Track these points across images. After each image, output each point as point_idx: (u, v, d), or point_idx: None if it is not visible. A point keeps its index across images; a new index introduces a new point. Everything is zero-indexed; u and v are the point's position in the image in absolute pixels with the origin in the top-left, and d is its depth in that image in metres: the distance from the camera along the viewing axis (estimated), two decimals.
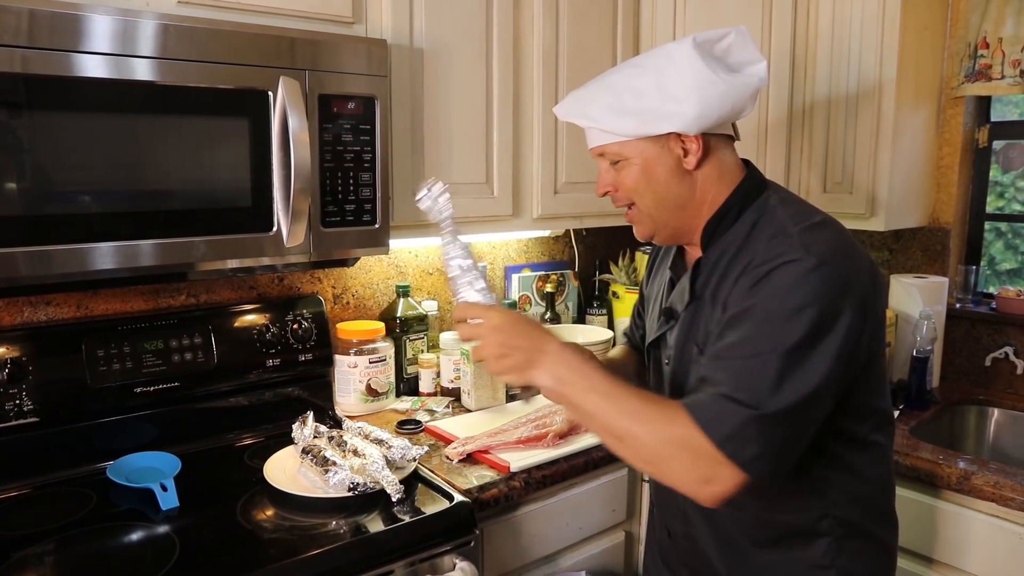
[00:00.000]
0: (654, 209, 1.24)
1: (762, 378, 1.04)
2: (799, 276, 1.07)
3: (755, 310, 1.09)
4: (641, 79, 1.19)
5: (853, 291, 1.09)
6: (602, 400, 1.11)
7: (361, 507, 1.40)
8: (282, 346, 1.80)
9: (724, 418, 1.03)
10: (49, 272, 1.25)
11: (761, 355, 1.06)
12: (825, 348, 1.06)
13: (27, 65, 1.19)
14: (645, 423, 1.08)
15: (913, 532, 1.72)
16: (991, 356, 2.21)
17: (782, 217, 1.18)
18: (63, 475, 1.53)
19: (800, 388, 1.05)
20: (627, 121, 1.19)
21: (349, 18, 1.61)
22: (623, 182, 1.23)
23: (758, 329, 1.07)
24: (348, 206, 1.56)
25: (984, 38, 2.15)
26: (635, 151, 1.21)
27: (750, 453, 1.03)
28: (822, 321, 1.06)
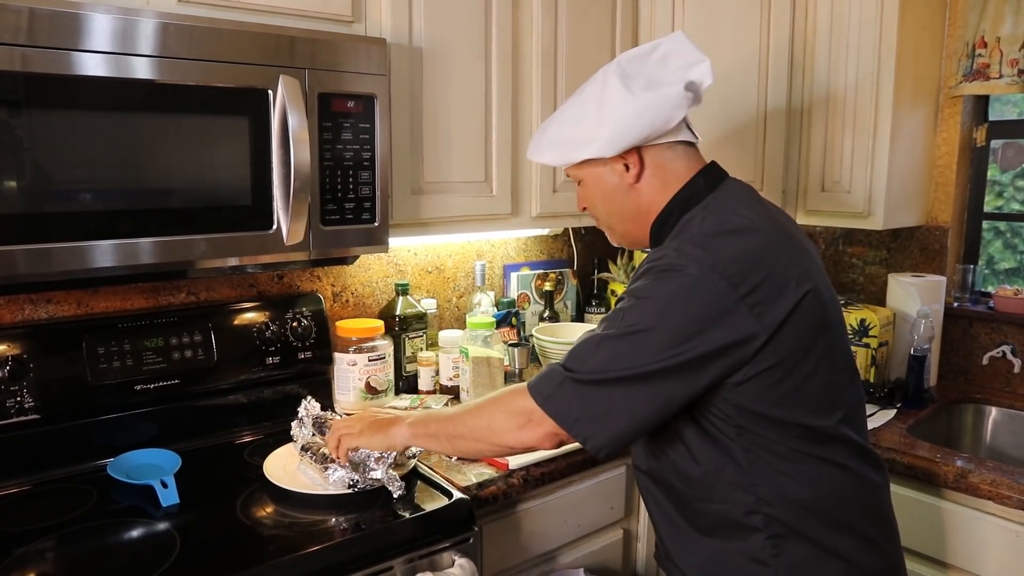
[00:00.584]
0: (611, 220, 1.38)
1: (586, 348, 1.18)
2: (664, 277, 1.15)
3: (619, 301, 1.21)
4: (575, 108, 1.32)
5: (717, 298, 1.11)
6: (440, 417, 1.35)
7: (360, 504, 1.41)
8: (282, 344, 1.81)
9: (548, 380, 1.19)
10: (49, 270, 1.26)
11: (596, 335, 1.18)
12: (655, 339, 1.12)
13: (27, 64, 1.19)
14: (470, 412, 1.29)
15: (910, 530, 1.73)
16: (988, 355, 2.22)
17: (695, 224, 1.22)
18: (64, 472, 1.53)
19: (617, 364, 1.14)
20: (556, 152, 1.34)
21: (349, 17, 1.61)
22: (584, 199, 1.39)
23: (610, 316, 1.20)
24: (347, 204, 1.57)
25: (982, 37, 2.15)
26: (586, 173, 1.34)
27: (569, 414, 1.16)
28: (663, 318, 1.13)
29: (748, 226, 1.20)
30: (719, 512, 1.22)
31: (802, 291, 1.15)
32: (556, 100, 2.01)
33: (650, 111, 1.23)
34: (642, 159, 1.28)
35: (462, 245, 2.30)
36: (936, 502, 1.70)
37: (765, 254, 1.16)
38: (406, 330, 2.04)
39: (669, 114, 1.24)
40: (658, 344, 1.12)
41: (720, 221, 1.21)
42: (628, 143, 1.25)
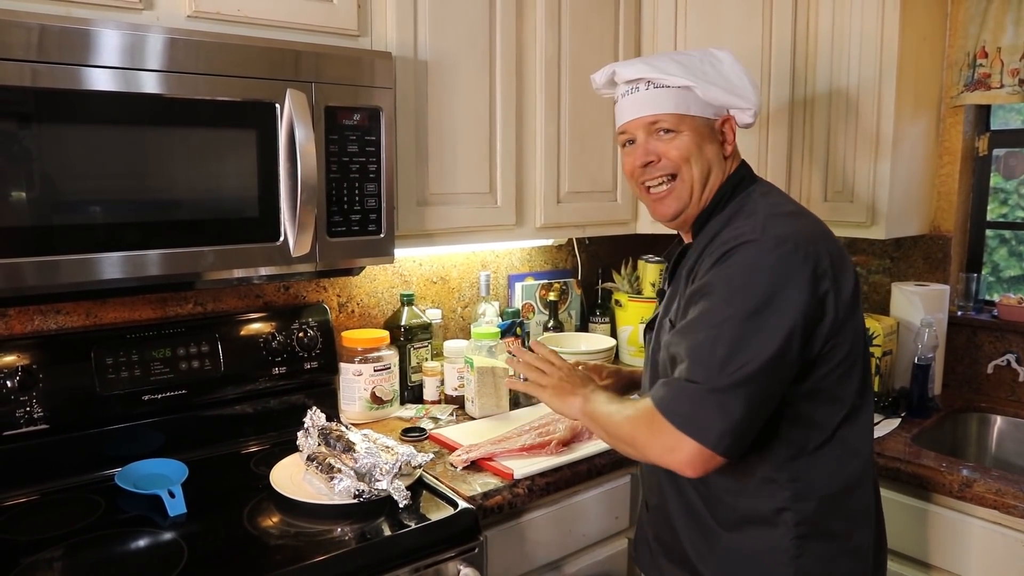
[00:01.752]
0: (697, 182, 1.33)
1: (713, 352, 1.13)
2: (754, 254, 1.17)
3: (712, 286, 1.18)
4: (707, 67, 1.33)
5: (809, 272, 1.16)
6: (606, 408, 1.29)
7: (366, 514, 1.41)
8: (288, 354, 1.82)
9: (680, 400, 1.14)
10: (58, 281, 1.27)
11: (713, 327, 1.15)
12: (776, 322, 1.13)
13: (37, 79, 1.21)
14: (624, 419, 1.23)
15: (913, 538, 1.73)
16: (993, 364, 2.22)
17: (758, 205, 1.28)
18: (72, 481, 1.54)
19: (751, 360, 1.12)
20: (716, 91, 1.31)
21: (355, 31, 1.63)
22: (669, 152, 1.32)
23: (712, 304, 1.17)
24: (354, 216, 1.58)
25: (983, 47, 2.16)
26: (691, 126, 1.32)
27: (713, 432, 1.11)
28: (773, 296, 1.14)
29: (801, 211, 1.30)
30: (749, 507, 1.24)
31: (855, 286, 1.25)
32: (560, 111, 2.03)
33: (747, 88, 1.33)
34: (733, 129, 1.36)
35: (467, 256, 2.32)
36: (941, 511, 1.70)
37: (829, 235, 1.26)
38: (411, 340, 2.05)
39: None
40: (770, 338, 1.12)
41: (782, 204, 1.29)
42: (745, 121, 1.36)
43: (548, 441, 1.68)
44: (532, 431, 1.72)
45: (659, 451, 1.16)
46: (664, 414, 1.14)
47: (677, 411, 1.13)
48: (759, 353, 1.12)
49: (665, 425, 1.13)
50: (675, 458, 1.14)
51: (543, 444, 1.68)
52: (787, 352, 1.13)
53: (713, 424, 1.11)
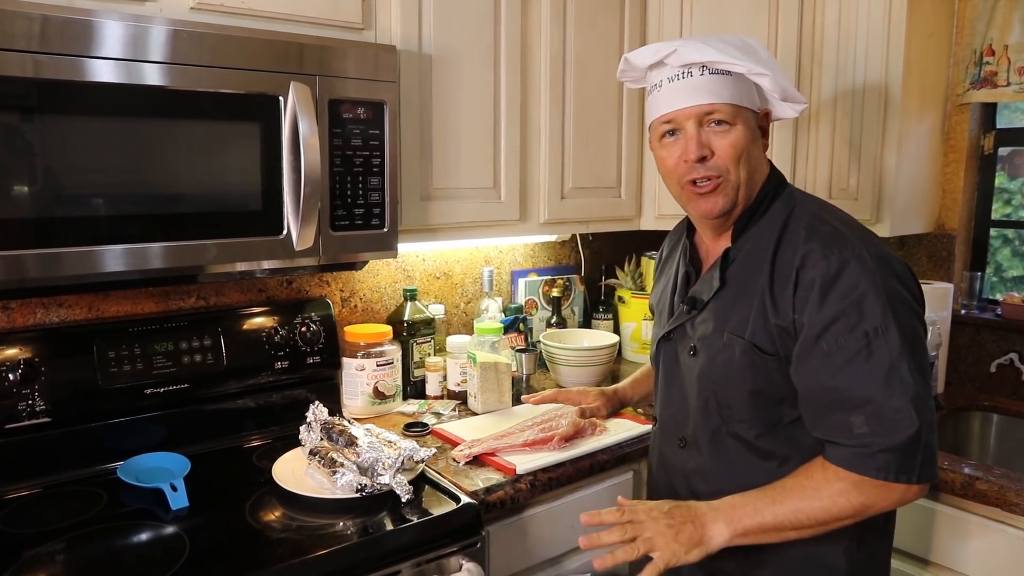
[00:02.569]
0: (744, 181, 1.23)
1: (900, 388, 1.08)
2: (868, 271, 1.12)
3: (846, 316, 1.11)
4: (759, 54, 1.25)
5: (902, 269, 1.17)
6: (773, 509, 1.14)
7: (368, 508, 1.41)
8: (290, 348, 1.82)
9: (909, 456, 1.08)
10: (60, 274, 1.27)
11: (883, 362, 1.09)
12: (917, 327, 1.14)
13: (39, 70, 1.20)
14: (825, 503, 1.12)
15: (916, 536, 1.73)
16: (996, 362, 2.22)
17: (814, 211, 1.24)
18: (74, 475, 1.54)
19: (920, 379, 1.10)
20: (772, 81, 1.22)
21: (359, 24, 1.62)
22: (722, 146, 1.21)
23: (863, 336, 1.10)
24: (357, 210, 1.58)
25: (990, 45, 2.16)
26: (742, 119, 1.22)
27: (924, 471, 1.09)
28: (904, 307, 1.13)
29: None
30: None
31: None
32: (565, 107, 2.02)
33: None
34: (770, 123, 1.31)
35: (470, 251, 2.31)
36: (943, 509, 1.69)
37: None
38: (414, 335, 2.05)
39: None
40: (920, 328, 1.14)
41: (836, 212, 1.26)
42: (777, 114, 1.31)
43: (551, 436, 1.67)
44: (535, 426, 1.72)
45: (895, 501, 1.13)
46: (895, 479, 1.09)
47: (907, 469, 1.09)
48: (922, 366, 1.11)
49: (892, 486, 1.10)
50: (909, 497, 1.13)
51: (546, 439, 1.67)
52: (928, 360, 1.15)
53: (934, 460, 1.11)
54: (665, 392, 1.40)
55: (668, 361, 1.39)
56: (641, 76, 1.34)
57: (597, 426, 1.78)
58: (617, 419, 1.87)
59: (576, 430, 1.72)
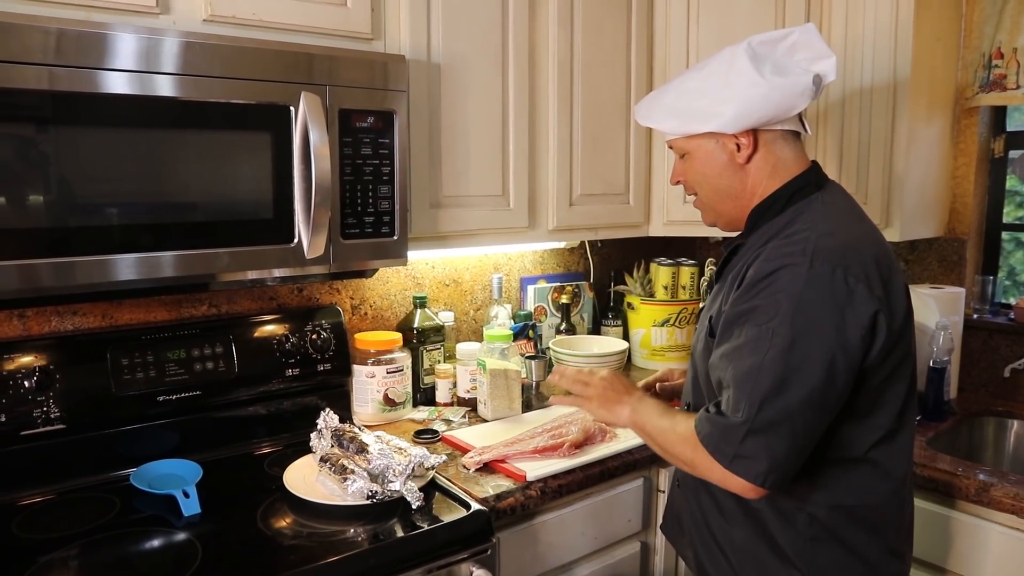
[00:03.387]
0: (712, 198, 1.37)
1: (757, 386, 1.13)
2: (797, 280, 1.14)
3: (756, 311, 1.17)
4: (697, 81, 1.32)
5: (859, 295, 1.13)
6: (657, 421, 1.32)
7: (379, 515, 1.42)
8: (301, 356, 1.83)
9: (727, 439, 1.16)
10: (74, 282, 1.28)
11: (757, 357, 1.14)
12: (820, 353, 1.12)
13: (54, 82, 1.22)
14: (679, 440, 1.25)
15: (931, 544, 1.71)
16: (1010, 367, 2.20)
17: (814, 219, 1.23)
18: (88, 481, 1.55)
19: (794, 395, 1.11)
20: (675, 122, 1.34)
21: (368, 34, 1.64)
22: (686, 173, 1.38)
23: (758, 332, 1.15)
24: (367, 218, 1.59)
25: (999, 48, 2.15)
26: (695, 146, 1.34)
27: (757, 469, 1.14)
28: (818, 325, 1.12)
29: (867, 232, 1.26)
30: (771, 498, 1.24)
31: (907, 304, 1.25)
32: (573, 113, 2.03)
33: (777, 96, 1.24)
34: (756, 141, 1.29)
35: (479, 258, 2.32)
36: (957, 516, 1.68)
37: (882, 247, 1.24)
38: (424, 342, 2.05)
39: (794, 102, 1.26)
40: (815, 367, 1.12)
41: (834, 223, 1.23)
42: (750, 123, 1.27)
43: (561, 443, 1.68)
44: (545, 433, 1.72)
45: (716, 479, 1.20)
46: (711, 452, 1.17)
47: (723, 450, 1.16)
48: (804, 387, 1.11)
49: (714, 465, 1.17)
50: (729, 486, 1.18)
51: (556, 446, 1.68)
52: (832, 383, 1.12)
53: (757, 463, 1.13)
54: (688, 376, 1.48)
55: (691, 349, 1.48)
56: None
57: (607, 433, 1.78)
58: None
59: (586, 436, 1.73)
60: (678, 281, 2.46)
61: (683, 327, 2.42)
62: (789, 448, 1.13)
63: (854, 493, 1.23)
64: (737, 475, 1.15)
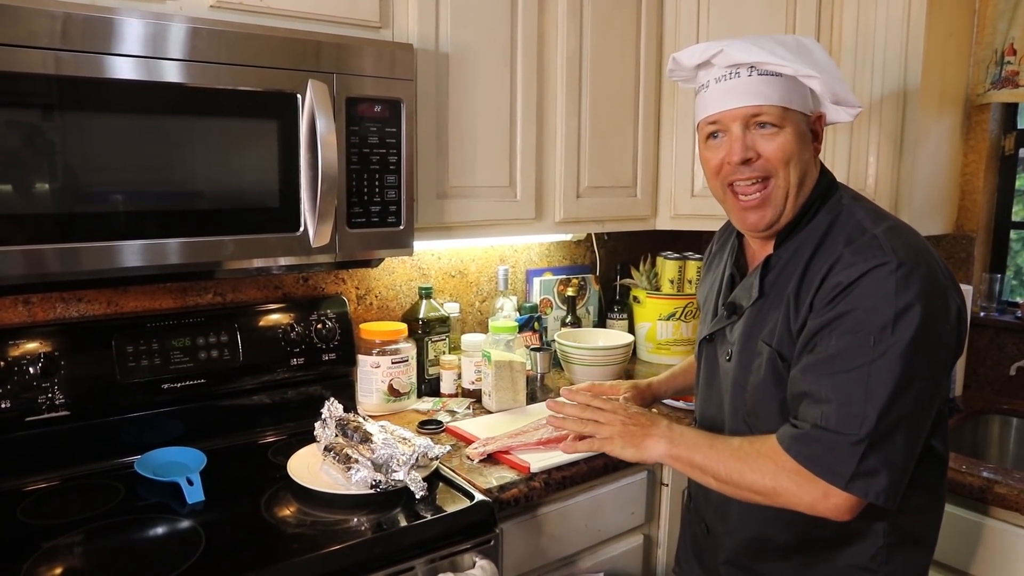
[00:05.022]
0: (795, 185, 1.20)
1: (868, 396, 1.05)
2: (889, 281, 1.07)
3: (848, 318, 1.09)
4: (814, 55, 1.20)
5: (941, 292, 1.09)
6: (708, 451, 1.19)
7: (383, 504, 1.42)
8: (306, 345, 1.83)
9: (842, 458, 1.06)
10: (79, 268, 1.28)
11: (863, 367, 1.06)
12: (924, 353, 1.06)
13: (60, 67, 1.22)
14: (744, 471, 1.14)
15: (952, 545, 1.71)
16: (1016, 365, 2.19)
17: (860, 217, 1.18)
18: (92, 468, 1.56)
19: (909, 401, 1.05)
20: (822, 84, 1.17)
21: (376, 23, 1.63)
22: (770, 150, 1.18)
23: (855, 339, 1.07)
24: (373, 207, 1.58)
25: (1011, 44, 2.13)
26: (791, 121, 1.18)
27: (879, 486, 1.06)
28: (922, 327, 1.05)
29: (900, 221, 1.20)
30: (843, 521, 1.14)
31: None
32: (581, 105, 2.02)
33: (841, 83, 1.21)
34: (823, 127, 1.25)
35: (485, 250, 2.31)
36: (961, 513, 1.68)
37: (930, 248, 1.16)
38: (429, 333, 2.05)
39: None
40: (931, 357, 1.07)
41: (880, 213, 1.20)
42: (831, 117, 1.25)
43: (565, 435, 1.67)
44: (549, 425, 1.71)
45: (808, 503, 1.10)
46: (819, 474, 1.07)
47: (837, 470, 1.06)
48: (914, 392, 1.06)
49: (816, 480, 1.08)
50: (827, 507, 1.09)
51: (560, 438, 1.66)
52: (937, 383, 1.10)
53: (879, 480, 1.06)
54: (706, 392, 1.39)
55: (709, 362, 1.38)
56: (691, 76, 1.31)
57: None
58: None
59: None
60: (684, 275, 2.45)
61: (688, 321, 2.42)
62: (905, 458, 1.07)
63: (923, 486, 1.18)
64: (855, 495, 1.06)
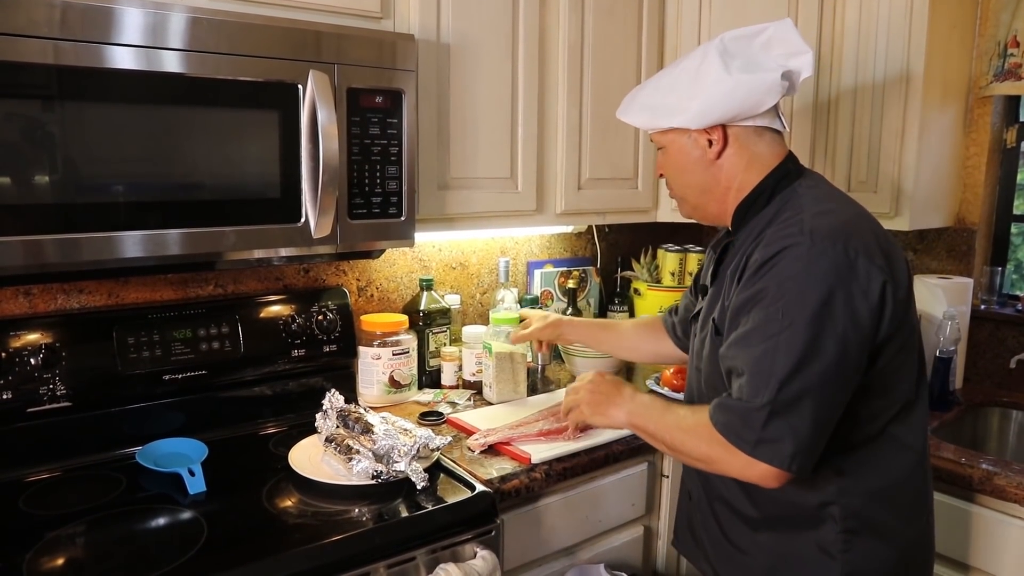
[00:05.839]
0: (684, 192, 1.39)
1: (773, 367, 1.12)
2: (801, 259, 1.13)
3: (764, 294, 1.16)
4: (671, 78, 1.34)
5: (858, 271, 1.13)
6: (659, 420, 1.31)
7: (384, 495, 1.42)
8: (307, 337, 1.83)
9: (748, 424, 1.14)
10: (79, 259, 1.28)
11: (771, 339, 1.13)
12: (833, 328, 1.11)
13: (60, 56, 1.21)
14: (684, 439, 1.25)
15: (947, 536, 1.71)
16: (1016, 358, 2.19)
17: (802, 203, 1.24)
18: (94, 459, 1.56)
19: (812, 372, 1.11)
20: (644, 116, 1.36)
21: (377, 13, 1.62)
22: (663, 168, 1.41)
23: (767, 314, 1.15)
24: (375, 199, 1.58)
25: (1014, 36, 2.13)
26: (669, 141, 1.36)
27: (783, 452, 1.12)
28: (828, 301, 1.11)
29: (843, 206, 1.25)
30: (791, 501, 1.24)
31: (908, 274, 1.23)
32: (582, 97, 2.02)
33: (743, 92, 1.25)
34: (726, 137, 1.30)
35: (486, 241, 2.31)
36: (961, 504, 1.68)
37: (875, 223, 1.23)
38: (430, 325, 2.05)
39: (760, 98, 1.25)
40: (840, 333, 1.11)
41: (827, 198, 1.25)
42: (714, 119, 1.28)
43: (566, 427, 1.67)
44: (550, 416, 1.72)
45: (737, 470, 1.17)
46: (732, 441, 1.15)
47: (744, 437, 1.14)
48: (820, 363, 1.11)
49: (735, 449, 1.15)
50: (752, 474, 1.16)
51: (561, 429, 1.67)
52: (847, 357, 1.12)
53: (783, 446, 1.12)
54: (688, 368, 1.47)
55: (692, 342, 1.46)
56: None
57: None
58: None
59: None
60: (685, 267, 2.45)
61: None
62: (812, 427, 1.12)
63: (880, 472, 1.22)
64: (762, 461, 1.12)
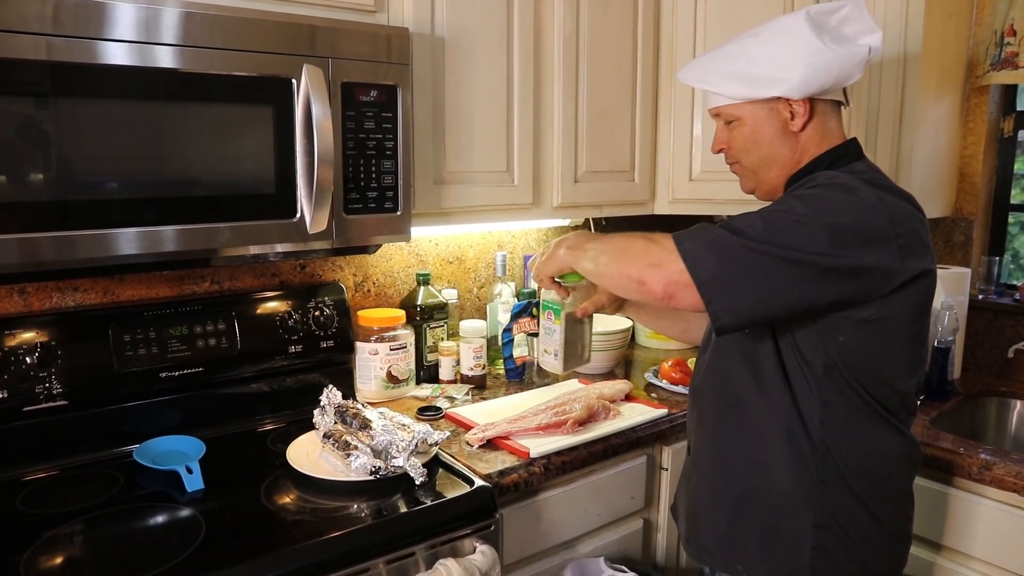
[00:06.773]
0: (757, 166, 1.37)
1: (747, 218, 1.16)
2: (850, 190, 1.18)
3: (793, 197, 1.20)
4: (755, 47, 1.33)
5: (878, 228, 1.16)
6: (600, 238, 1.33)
7: (382, 490, 1.42)
8: (304, 333, 1.82)
9: (696, 231, 1.18)
10: (74, 256, 1.27)
11: (779, 211, 1.17)
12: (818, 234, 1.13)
13: (52, 52, 1.20)
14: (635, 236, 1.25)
15: (933, 521, 1.72)
16: (1014, 348, 2.20)
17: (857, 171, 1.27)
18: (91, 457, 1.55)
19: (776, 239, 1.13)
20: (738, 86, 1.33)
21: (371, 6, 1.61)
22: (734, 141, 1.38)
23: (787, 203, 1.19)
24: (370, 193, 1.57)
25: (1011, 25, 2.12)
26: (747, 113, 1.34)
27: (703, 266, 1.14)
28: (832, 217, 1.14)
29: (916, 209, 1.28)
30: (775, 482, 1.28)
31: (932, 264, 1.25)
32: (578, 89, 2.01)
33: (838, 64, 1.27)
34: (812, 109, 1.31)
35: (483, 235, 2.31)
36: (959, 494, 1.69)
37: (915, 217, 1.24)
38: (427, 320, 2.05)
39: (852, 71, 1.28)
40: (818, 240, 1.13)
41: (879, 180, 1.27)
42: (813, 90, 1.29)
43: (564, 420, 1.67)
44: (548, 410, 1.72)
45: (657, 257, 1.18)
46: (674, 239, 1.17)
47: (684, 236, 1.17)
48: (789, 247, 1.12)
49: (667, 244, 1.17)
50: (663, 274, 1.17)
51: (559, 423, 1.67)
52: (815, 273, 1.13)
53: (707, 261, 1.14)
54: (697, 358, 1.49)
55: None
56: None
57: (611, 410, 1.78)
58: (631, 403, 1.87)
59: (590, 414, 1.72)
60: None
61: None
62: (746, 278, 1.13)
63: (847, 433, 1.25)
64: (682, 260, 1.14)
